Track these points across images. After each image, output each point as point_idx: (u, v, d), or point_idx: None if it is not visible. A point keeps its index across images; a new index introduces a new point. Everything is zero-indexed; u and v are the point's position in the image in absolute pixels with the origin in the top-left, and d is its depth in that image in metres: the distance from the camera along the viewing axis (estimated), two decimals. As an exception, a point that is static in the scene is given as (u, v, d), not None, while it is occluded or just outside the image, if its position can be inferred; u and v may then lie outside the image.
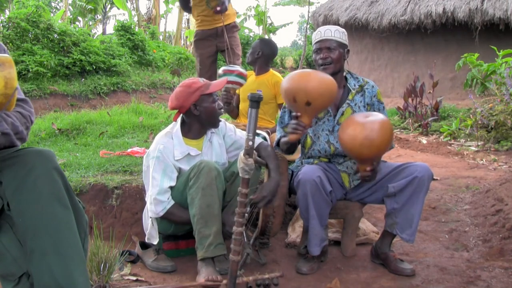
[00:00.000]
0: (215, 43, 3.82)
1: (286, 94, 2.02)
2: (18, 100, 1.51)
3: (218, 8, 3.56)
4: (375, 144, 1.93)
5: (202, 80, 2.27)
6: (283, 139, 2.27)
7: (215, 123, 2.29)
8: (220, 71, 2.84)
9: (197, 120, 2.27)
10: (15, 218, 1.35)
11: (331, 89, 1.97)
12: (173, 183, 2.18)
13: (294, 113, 2.05)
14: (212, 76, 3.77)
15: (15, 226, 1.38)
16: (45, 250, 1.32)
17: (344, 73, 2.34)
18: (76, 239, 1.39)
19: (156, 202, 2.14)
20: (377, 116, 1.99)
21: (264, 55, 3.18)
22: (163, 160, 2.17)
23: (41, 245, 1.33)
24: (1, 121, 1.37)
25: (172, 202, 2.17)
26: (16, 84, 1.33)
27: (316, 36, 2.27)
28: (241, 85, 2.89)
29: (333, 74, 2.24)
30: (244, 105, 3.18)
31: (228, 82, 2.78)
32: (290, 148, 2.27)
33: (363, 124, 1.95)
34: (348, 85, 2.31)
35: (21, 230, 1.35)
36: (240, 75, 2.82)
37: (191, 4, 3.80)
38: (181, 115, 2.29)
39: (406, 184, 2.10)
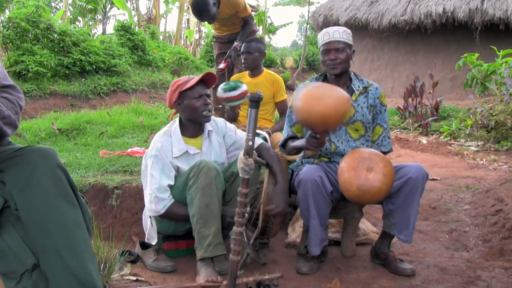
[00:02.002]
0: (229, 47, 3.83)
1: (302, 119, 2.00)
2: (5, 86, 1.50)
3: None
4: (365, 200, 2.07)
5: (187, 77, 2.27)
6: (294, 144, 2.25)
7: (199, 120, 2.26)
8: (221, 92, 2.73)
9: (185, 117, 2.28)
10: (24, 218, 1.36)
11: (347, 110, 1.95)
12: (171, 182, 2.18)
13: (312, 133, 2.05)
14: (221, 76, 3.79)
15: (18, 223, 1.38)
16: (58, 247, 1.34)
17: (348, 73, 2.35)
18: (85, 234, 1.42)
19: (157, 200, 2.14)
20: (378, 175, 1.97)
21: (263, 54, 3.18)
22: (161, 159, 2.17)
23: (53, 242, 1.34)
24: None
25: (173, 200, 2.17)
26: (0, 68, 1.31)
27: (324, 37, 2.26)
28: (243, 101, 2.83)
29: (340, 74, 2.26)
30: (241, 108, 3.17)
31: (235, 105, 2.79)
32: (298, 152, 2.28)
33: (362, 180, 1.97)
34: (352, 86, 2.32)
35: (30, 229, 1.36)
36: (243, 96, 2.72)
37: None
38: (178, 114, 2.31)
39: (400, 185, 2.10)
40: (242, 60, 3.16)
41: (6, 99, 1.47)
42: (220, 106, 3.45)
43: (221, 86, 2.76)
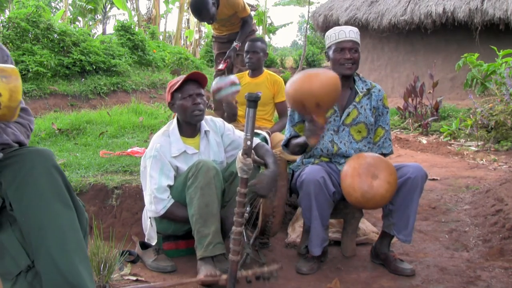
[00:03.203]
0: (228, 46, 3.83)
1: (294, 101, 2.01)
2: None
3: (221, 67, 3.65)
4: (367, 207, 2.11)
5: (179, 78, 2.28)
6: (297, 140, 2.25)
7: (189, 120, 2.26)
8: (213, 85, 2.78)
9: (180, 118, 2.30)
10: (18, 217, 1.36)
11: (335, 84, 1.96)
12: (171, 182, 2.18)
13: (307, 117, 2.04)
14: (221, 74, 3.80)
15: (15, 224, 1.38)
16: (50, 248, 1.34)
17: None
18: (79, 236, 1.41)
19: (157, 200, 2.14)
20: (383, 183, 1.98)
21: (266, 54, 3.17)
22: (160, 159, 2.18)
23: (45, 243, 1.34)
24: (1, 132, 1.38)
25: (173, 201, 2.17)
26: (21, 97, 1.32)
27: (340, 35, 2.24)
28: (238, 91, 2.85)
29: (351, 75, 2.26)
30: (240, 108, 3.16)
31: (227, 96, 2.80)
32: (301, 149, 2.27)
33: (366, 187, 1.98)
34: (356, 87, 2.31)
35: (25, 229, 1.36)
36: (233, 84, 2.76)
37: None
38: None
39: (399, 185, 2.09)
40: (247, 59, 3.16)
41: (20, 124, 1.50)
42: (213, 107, 3.46)
43: (213, 81, 2.85)
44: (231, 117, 2.99)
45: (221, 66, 3.70)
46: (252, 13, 3.97)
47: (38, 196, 1.35)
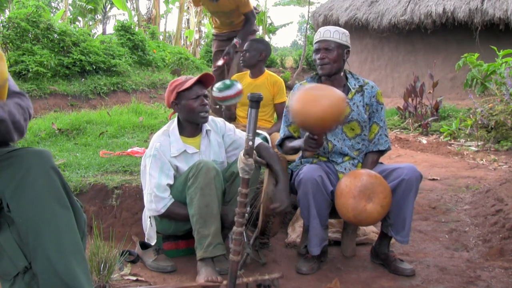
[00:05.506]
0: (227, 44, 3.82)
1: (302, 126, 2.05)
2: (15, 93, 1.50)
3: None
4: (358, 225, 2.24)
5: (185, 77, 2.28)
6: (292, 144, 2.26)
7: (196, 120, 2.27)
8: (217, 92, 2.69)
9: (183, 117, 2.29)
10: (16, 219, 1.35)
11: (343, 110, 1.97)
12: (170, 181, 2.18)
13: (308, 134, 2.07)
14: (220, 74, 3.79)
15: (13, 225, 1.38)
16: (47, 249, 1.33)
17: (343, 73, 2.35)
18: (76, 237, 1.40)
19: (157, 199, 2.14)
20: (377, 206, 1.99)
21: (267, 56, 3.16)
22: (159, 158, 2.18)
23: (43, 244, 1.34)
24: None
25: (173, 200, 2.17)
26: (7, 75, 1.32)
27: (316, 36, 2.29)
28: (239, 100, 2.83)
29: (330, 75, 2.25)
30: (240, 109, 3.16)
31: (230, 105, 2.80)
32: (295, 152, 2.28)
33: (359, 211, 1.99)
34: (348, 84, 2.31)
35: (22, 231, 1.35)
36: (238, 95, 2.70)
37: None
38: (177, 113, 2.32)
39: (394, 187, 2.09)
40: (241, 57, 3.18)
41: (19, 105, 1.47)
42: (218, 106, 3.44)
43: (216, 85, 2.71)
44: (228, 120, 2.99)
45: (219, 63, 3.67)
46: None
47: (36, 197, 1.34)
